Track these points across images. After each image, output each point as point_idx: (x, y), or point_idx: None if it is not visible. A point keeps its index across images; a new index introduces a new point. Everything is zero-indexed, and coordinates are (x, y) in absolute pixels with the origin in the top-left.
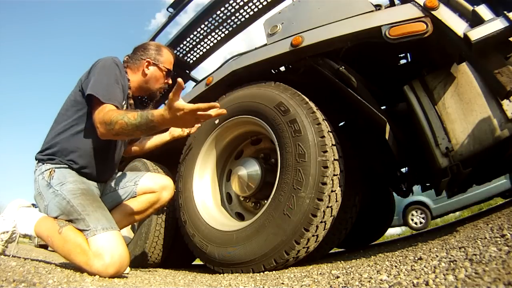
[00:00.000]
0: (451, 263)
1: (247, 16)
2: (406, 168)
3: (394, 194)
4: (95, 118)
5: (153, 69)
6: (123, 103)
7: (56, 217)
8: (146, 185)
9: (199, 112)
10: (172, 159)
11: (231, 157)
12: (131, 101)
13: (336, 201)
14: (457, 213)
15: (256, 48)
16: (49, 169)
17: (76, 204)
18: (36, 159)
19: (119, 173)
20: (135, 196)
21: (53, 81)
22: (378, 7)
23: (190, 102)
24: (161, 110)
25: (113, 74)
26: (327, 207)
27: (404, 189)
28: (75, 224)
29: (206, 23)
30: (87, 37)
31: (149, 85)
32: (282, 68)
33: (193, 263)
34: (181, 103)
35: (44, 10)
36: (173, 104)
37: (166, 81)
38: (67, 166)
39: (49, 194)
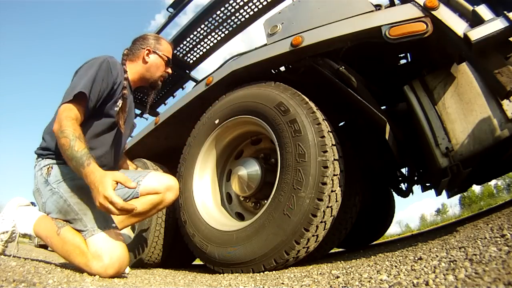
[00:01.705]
0: (451, 263)
1: (247, 16)
2: (406, 168)
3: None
4: (59, 112)
5: (154, 57)
6: (102, 96)
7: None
8: (150, 186)
9: (111, 207)
10: (172, 159)
11: (231, 157)
12: (125, 91)
13: (336, 201)
14: (457, 213)
15: (256, 48)
16: (48, 165)
17: (73, 203)
18: (35, 153)
19: (121, 171)
20: (138, 197)
21: (52, 81)
22: (378, 7)
23: (189, 102)
24: (97, 171)
25: (93, 72)
26: (327, 207)
27: (404, 189)
28: (72, 225)
29: (206, 23)
30: (86, 38)
31: (151, 73)
32: (282, 68)
33: (193, 263)
34: (114, 194)
35: (43, 11)
36: (109, 189)
37: (166, 70)
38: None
39: (46, 191)
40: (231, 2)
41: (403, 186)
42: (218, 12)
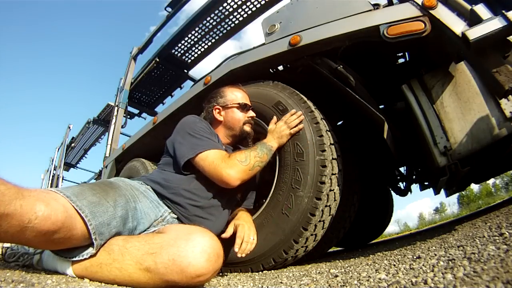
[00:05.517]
0: (450, 262)
1: (245, 15)
2: (405, 167)
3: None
4: (219, 167)
5: (225, 112)
6: None
7: None
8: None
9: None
10: None
11: None
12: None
13: (335, 200)
14: (456, 211)
15: (254, 48)
16: None
17: None
18: None
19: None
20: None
21: (51, 81)
22: (376, 6)
23: (188, 101)
24: (268, 138)
25: (204, 128)
26: (326, 206)
27: (403, 188)
28: None
29: (204, 22)
30: (85, 39)
31: (233, 128)
32: (280, 67)
33: None
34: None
35: (43, 11)
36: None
37: (247, 115)
38: None
39: None
40: (229, 1)
41: (401, 185)
42: (216, 12)
